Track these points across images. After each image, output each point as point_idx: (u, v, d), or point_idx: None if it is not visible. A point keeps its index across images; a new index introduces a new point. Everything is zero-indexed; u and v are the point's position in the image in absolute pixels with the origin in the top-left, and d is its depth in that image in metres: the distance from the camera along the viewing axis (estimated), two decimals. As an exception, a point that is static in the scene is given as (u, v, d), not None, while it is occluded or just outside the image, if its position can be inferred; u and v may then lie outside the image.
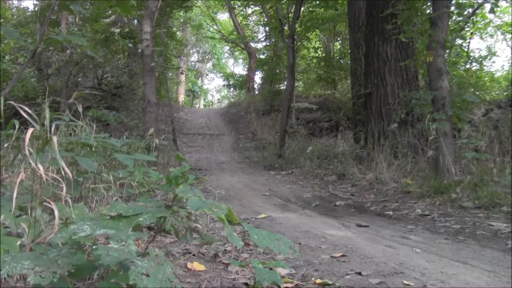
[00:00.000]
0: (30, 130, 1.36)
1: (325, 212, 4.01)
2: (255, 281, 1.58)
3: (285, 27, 10.25)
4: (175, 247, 2.23)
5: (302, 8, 10.30)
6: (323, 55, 14.05)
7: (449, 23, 4.95)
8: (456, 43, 5.85)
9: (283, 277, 1.79)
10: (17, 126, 1.58)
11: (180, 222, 1.89)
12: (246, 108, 14.12)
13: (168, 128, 10.19)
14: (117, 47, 12.19)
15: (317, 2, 11.12)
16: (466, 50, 8.64)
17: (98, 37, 11.21)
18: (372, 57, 6.72)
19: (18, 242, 1.29)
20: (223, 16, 24.67)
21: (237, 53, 25.33)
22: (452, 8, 5.00)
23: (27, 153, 1.33)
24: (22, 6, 14.79)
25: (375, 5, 6.76)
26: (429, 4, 5.58)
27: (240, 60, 28.13)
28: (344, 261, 2.17)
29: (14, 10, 12.49)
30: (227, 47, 26.34)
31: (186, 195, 1.43)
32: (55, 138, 1.38)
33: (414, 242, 2.67)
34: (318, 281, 1.82)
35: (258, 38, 19.62)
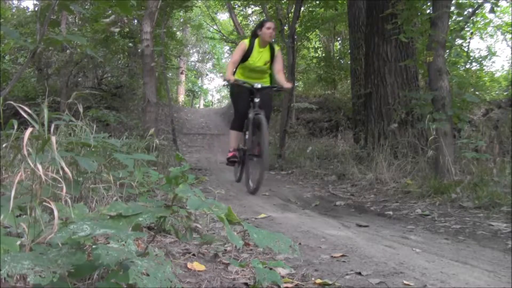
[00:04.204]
0: (29, 130, 1.36)
1: (325, 212, 4.00)
2: (255, 281, 1.58)
3: (285, 27, 10.25)
4: (175, 247, 2.22)
5: (302, 8, 10.30)
6: (323, 55, 14.06)
7: (449, 23, 4.95)
8: (456, 43, 5.84)
9: (283, 277, 1.79)
10: (16, 126, 1.58)
11: (180, 222, 1.89)
12: (246, 108, 14.06)
13: (168, 128, 10.20)
14: (117, 47, 12.20)
15: (317, 2, 11.13)
16: (466, 50, 8.64)
17: (98, 37, 11.22)
18: (372, 57, 6.72)
19: (18, 242, 1.29)
20: (223, 16, 24.72)
21: (237, 53, 25.26)
22: (452, 8, 5.00)
23: (25, 153, 1.33)
24: (22, 6, 14.81)
25: (375, 5, 6.75)
26: (429, 4, 5.58)
27: (240, 60, 28.06)
28: (344, 261, 2.17)
29: (14, 10, 12.51)
30: (227, 47, 26.33)
31: (186, 195, 1.43)
32: (53, 138, 1.38)
33: (414, 242, 2.67)
34: (318, 281, 1.82)
35: (258, 38, 19.56)
